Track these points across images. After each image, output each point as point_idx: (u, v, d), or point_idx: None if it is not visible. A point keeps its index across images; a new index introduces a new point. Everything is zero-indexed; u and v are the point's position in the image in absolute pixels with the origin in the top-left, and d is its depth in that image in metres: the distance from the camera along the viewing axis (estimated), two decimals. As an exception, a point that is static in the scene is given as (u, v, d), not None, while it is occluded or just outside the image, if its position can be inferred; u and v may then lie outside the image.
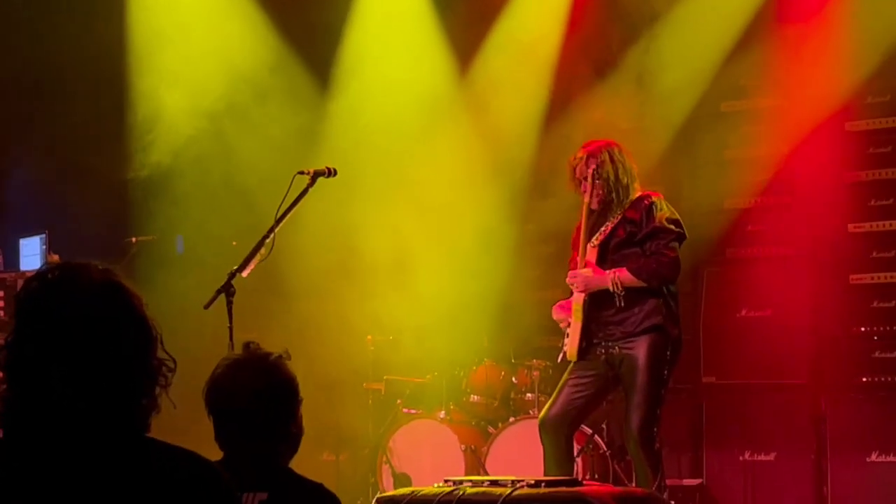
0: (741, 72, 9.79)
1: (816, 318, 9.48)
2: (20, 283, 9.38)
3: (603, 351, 7.19)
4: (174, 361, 2.71)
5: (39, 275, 2.66)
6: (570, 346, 7.31)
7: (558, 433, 7.25)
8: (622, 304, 7.10)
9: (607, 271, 7.11)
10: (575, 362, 7.30)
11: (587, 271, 7.15)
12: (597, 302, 7.20)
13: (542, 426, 7.28)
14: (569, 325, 7.34)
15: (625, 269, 7.07)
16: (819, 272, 9.51)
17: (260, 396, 3.80)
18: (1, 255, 9.82)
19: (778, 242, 9.70)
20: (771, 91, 9.77)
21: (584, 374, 7.25)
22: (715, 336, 9.79)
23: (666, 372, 7.14)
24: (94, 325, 2.60)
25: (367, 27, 10.71)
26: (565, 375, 7.37)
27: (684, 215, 7.41)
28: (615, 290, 7.07)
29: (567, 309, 7.34)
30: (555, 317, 7.46)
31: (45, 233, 9.75)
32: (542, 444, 7.28)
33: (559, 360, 7.59)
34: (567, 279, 7.28)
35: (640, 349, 7.06)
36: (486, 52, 10.63)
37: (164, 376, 2.69)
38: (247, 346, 3.91)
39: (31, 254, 9.77)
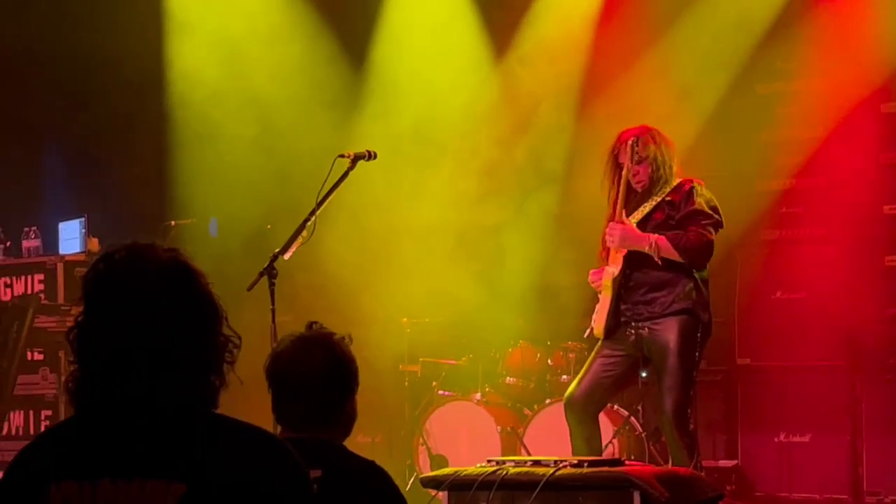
0: (776, 54, 9.80)
1: (851, 300, 9.48)
2: (60, 266, 9.51)
3: (632, 332, 7.18)
4: (239, 338, 2.76)
5: (106, 255, 2.72)
6: (598, 322, 7.31)
7: (584, 412, 7.23)
8: (653, 283, 7.11)
9: (647, 234, 7.12)
10: (603, 341, 7.30)
11: (628, 226, 7.15)
12: (627, 280, 7.21)
13: (568, 404, 7.26)
14: (599, 298, 7.36)
15: (664, 237, 7.06)
16: (854, 254, 9.51)
17: (322, 373, 3.87)
18: (41, 238, 9.91)
19: (812, 224, 9.71)
20: (806, 73, 9.77)
21: (613, 353, 7.25)
22: (750, 318, 9.82)
23: (697, 354, 7.12)
24: (162, 302, 2.65)
25: (404, 10, 10.75)
26: (593, 354, 7.37)
27: (719, 197, 7.41)
28: (650, 252, 7.06)
29: (601, 275, 7.35)
30: (590, 280, 7.44)
31: (84, 216, 9.84)
32: (568, 423, 7.26)
33: (586, 335, 7.61)
34: (606, 229, 7.23)
35: (669, 331, 7.06)
36: (522, 35, 10.65)
37: (230, 353, 2.73)
38: (310, 325, 3.98)
39: (71, 237, 9.86)
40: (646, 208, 7.19)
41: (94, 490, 2.59)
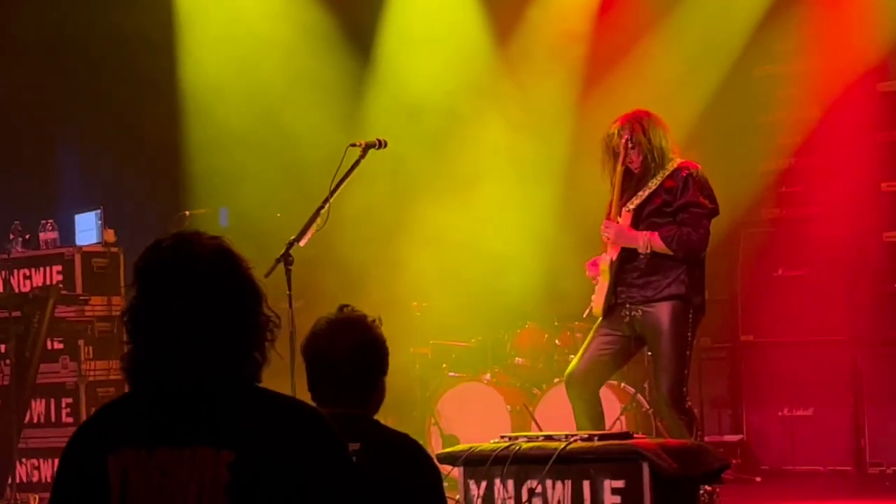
0: (774, 36, 9.93)
1: (851, 276, 9.64)
2: (77, 257, 9.68)
3: (627, 313, 7.34)
4: (279, 318, 2.98)
5: (155, 244, 2.95)
6: (597, 302, 7.49)
7: (584, 388, 7.40)
8: (646, 267, 7.29)
9: (641, 232, 7.30)
10: (600, 321, 7.48)
11: (623, 224, 7.32)
12: (623, 264, 7.38)
13: (569, 381, 7.43)
14: (598, 282, 7.55)
15: (657, 234, 7.24)
16: (853, 231, 9.66)
17: (358, 353, 4.08)
18: (57, 230, 10.04)
19: (812, 203, 9.85)
20: (803, 55, 9.91)
21: (611, 332, 7.42)
22: (752, 296, 9.98)
23: (689, 334, 7.27)
24: (209, 285, 2.88)
25: (409, 3, 10.92)
26: (591, 333, 7.55)
27: (720, 178, 7.56)
28: (644, 251, 7.26)
29: (598, 266, 7.54)
30: (587, 273, 7.65)
31: (99, 208, 9.98)
32: (570, 400, 7.43)
33: (585, 314, 7.81)
34: (602, 227, 7.42)
35: (661, 314, 7.22)
36: (526, 24, 10.81)
37: (270, 331, 2.95)
38: (342, 308, 4.18)
39: (87, 229, 9.97)
40: (644, 193, 7.32)
41: (150, 456, 2.82)
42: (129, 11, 10.41)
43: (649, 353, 7.81)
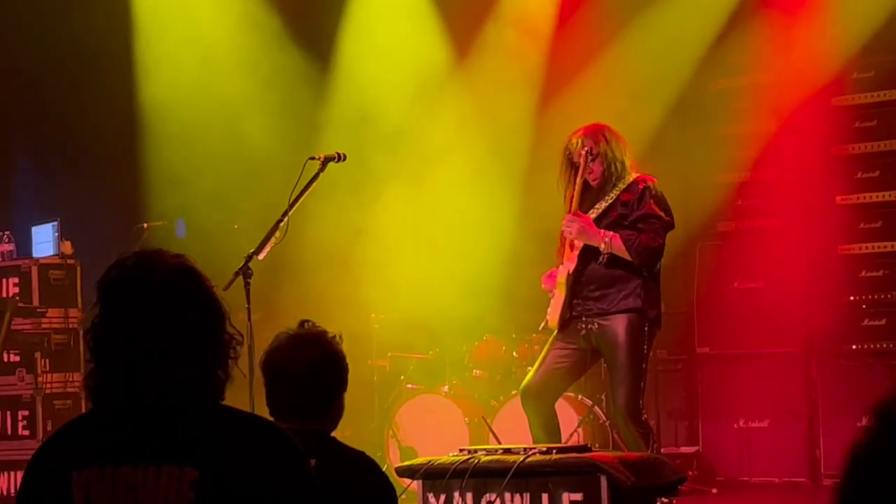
0: (730, 50, 9.98)
1: (807, 289, 9.71)
2: (34, 269, 9.63)
3: (583, 326, 7.36)
4: (241, 335, 3.00)
5: (118, 262, 2.96)
6: (552, 315, 7.50)
7: (540, 401, 7.42)
8: (602, 280, 7.31)
9: (604, 231, 7.28)
10: (556, 333, 7.50)
11: (585, 219, 7.30)
12: (579, 277, 7.40)
13: (525, 394, 7.46)
14: (554, 295, 7.57)
15: (618, 236, 7.26)
16: (809, 244, 9.73)
17: (316, 367, 4.09)
18: (14, 242, 9.99)
19: (768, 215, 9.90)
20: (760, 69, 9.97)
21: (566, 345, 7.45)
22: (709, 308, 10.03)
23: (645, 347, 7.30)
24: (172, 303, 2.89)
25: (368, 13, 10.93)
26: (547, 346, 7.57)
27: (677, 191, 7.61)
28: (604, 251, 7.27)
29: (555, 279, 7.55)
30: (543, 286, 7.67)
31: (56, 220, 9.93)
32: (526, 413, 7.45)
33: (541, 327, 7.78)
34: (564, 221, 7.38)
35: (617, 327, 7.24)
36: (485, 35, 10.84)
37: (233, 349, 2.97)
38: (302, 323, 4.19)
39: (44, 241, 9.93)
40: (601, 206, 7.35)
41: (114, 475, 2.82)
42: (85, 22, 10.38)
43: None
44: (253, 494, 2.79)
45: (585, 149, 7.31)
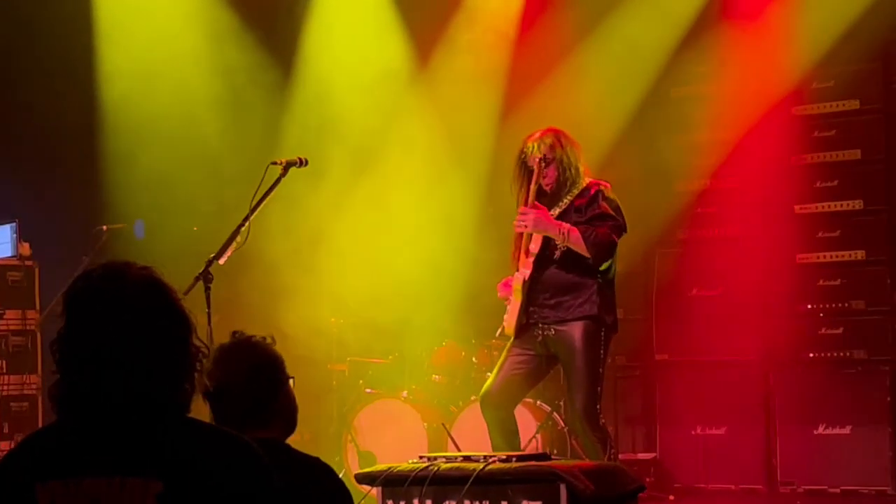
0: (691, 58, 10.03)
1: (765, 297, 9.76)
2: (-8, 271, 9.57)
3: (539, 332, 7.36)
4: (207, 347, 2.99)
5: (85, 274, 2.96)
6: (509, 322, 7.49)
7: (499, 408, 7.42)
8: (558, 287, 7.32)
9: (560, 222, 7.25)
10: (513, 340, 7.50)
11: (542, 210, 7.28)
12: (535, 284, 7.39)
13: (484, 401, 7.46)
14: (510, 302, 7.56)
15: (576, 229, 7.23)
16: (767, 252, 9.77)
17: (246, 376, 4.07)
18: (-29, 243, 9.93)
19: (727, 224, 9.96)
20: (720, 77, 10.00)
21: (523, 352, 7.44)
22: (667, 315, 10.07)
23: (602, 352, 7.30)
24: (138, 315, 2.89)
25: (330, 16, 10.92)
26: (504, 352, 7.56)
27: (637, 199, 7.60)
28: (560, 242, 7.26)
29: (510, 287, 7.55)
30: (499, 294, 7.66)
31: (15, 221, 9.87)
32: (485, 419, 7.45)
33: (497, 334, 7.77)
34: (519, 214, 7.33)
35: (574, 333, 7.24)
36: (447, 41, 10.86)
37: (199, 361, 2.97)
38: (233, 334, 4.18)
39: (2, 242, 9.86)
40: (555, 212, 7.32)
41: (78, 486, 2.81)
42: (45, 21, 10.31)
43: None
44: None
45: (541, 154, 7.30)
